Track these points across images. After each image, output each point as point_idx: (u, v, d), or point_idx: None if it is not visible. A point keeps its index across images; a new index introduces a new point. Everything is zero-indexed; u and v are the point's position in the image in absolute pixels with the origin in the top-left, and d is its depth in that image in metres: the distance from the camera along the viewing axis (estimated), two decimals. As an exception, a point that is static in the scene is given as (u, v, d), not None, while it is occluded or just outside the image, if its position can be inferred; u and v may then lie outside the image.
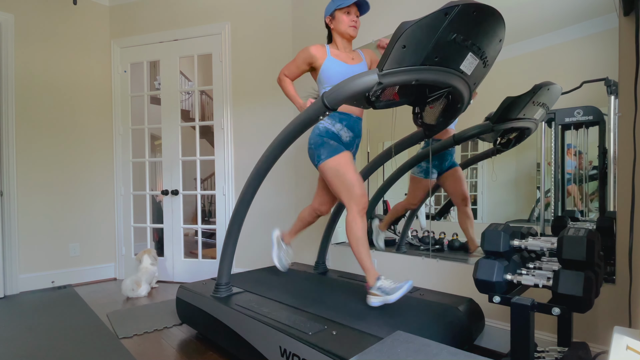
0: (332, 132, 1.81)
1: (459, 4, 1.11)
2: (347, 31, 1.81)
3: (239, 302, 1.78)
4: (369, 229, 2.50)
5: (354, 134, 1.86)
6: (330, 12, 1.83)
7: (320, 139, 1.80)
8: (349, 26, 1.80)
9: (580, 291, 1.04)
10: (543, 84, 1.56)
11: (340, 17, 1.80)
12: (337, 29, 1.83)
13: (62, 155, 3.27)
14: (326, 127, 1.81)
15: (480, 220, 2.02)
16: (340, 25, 1.81)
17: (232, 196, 3.20)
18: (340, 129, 1.82)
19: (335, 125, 1.81)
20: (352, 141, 1.87)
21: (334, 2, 1.81)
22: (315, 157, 1.80)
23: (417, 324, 1.48)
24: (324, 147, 1.77)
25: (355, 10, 1.82)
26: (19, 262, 3.04)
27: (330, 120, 1.82)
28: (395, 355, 1.05)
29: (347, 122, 1.83)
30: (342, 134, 1.82)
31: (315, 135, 1.82)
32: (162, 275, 3.33)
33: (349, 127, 1.84)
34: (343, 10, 1.80)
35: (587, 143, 1.62)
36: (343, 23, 1.80)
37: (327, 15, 1.85)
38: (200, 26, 3.23)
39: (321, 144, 1.78)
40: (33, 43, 3.13)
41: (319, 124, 1.83)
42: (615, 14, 1.50)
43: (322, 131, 1.81)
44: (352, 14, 1.81)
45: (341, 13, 1.80)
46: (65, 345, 1.96)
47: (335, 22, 1.83)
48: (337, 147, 1.77)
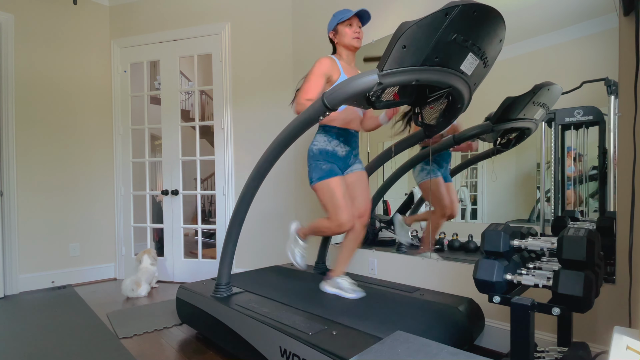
0: (326, 151, 1.85)
1: (459, 4, 1.11)
2: (352, 43, 1.85)
3: (239, 302, 1.78)
4: (371, 232, 2.50)
5: (350, 147, 1.92)
6: (333, 27, 1.87)
7: (313, 161, 1.86)
8: (352, 38, 1.84)
9: (580, 291, 1.04)
10: (543, 84, 1.56)
11: (343, 31, 1.85)
12: (341, 42, 1.87)
13: (62, 155, 3.27)
14: (320, 149, 1.85)
15: (480, 220, 2.02)
16: (344, 38, 1.85)
17: (232, 196, 3.20)
18: (337, 145, 1.87)
19: (331, 143, 1.86)
20: (349, 154, 1.92)
21: (336, 17, 1.85)
22: (310, 176, 1.88)
23: (417, 324, 1.48)
24: (316, 171, 1.83)
25: (357, 22, 1.86)
26: (19, 262, 3.04)
27: (327, 138, 1.86)
28: (395, 355, 1.05)
29: (344, 138, 1.88)
30: (337, 149, 1.87)
31: (310, 157, 1.88)
32: (162, 275, 3.33)
33: (346, 142, 1.89)
34: (345, 24, 1.84)
35: (587, 143, 1.62)
36: (347, 36, 1.84)
37: (331, 31, 1.89)
38: (200, 26, 3.23)
39: (314, 167, 1.85)
40: (33, 43, 3.13)
41: (314, 146, 1.87)
42: (615, 14, 1.50)
43: (315, 154, 1.86)
44: (354, 26, 1.85)
45: (343, 26, 1.85)
46: (65, 345, 1.96)
47: (339, 36, 1.87)
48: (330, 170, 1.82)
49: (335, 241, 2.70)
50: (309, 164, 1.88)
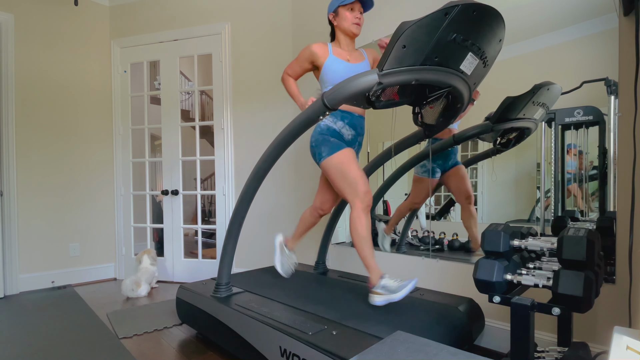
0: (333, 129, 1.79)
1: (459, 4, 1.11)
2: (350, 28, 1.78)
3: (239, 302, 1.78)
4: (374, 229, 2.50)
5: (356, 132, 1.85)
6: (334, 9, 1.80)
7: (321, 136, 1.79)
8: (352, 23, 1.77)
9: (580, 291, 1.04)
10: (543, 84, 1.57)
11: (344, 14, 1.78)
12: (340, 26, 1.81)
13: (62, 155, 3.27)
14: (327, 125, 1.80)
15: (480, 220, 2.01)
16: (343, 22, 1.78)
17: (232, 196, 3.20)
18: (342, 127, 1.80)
19: (336, 123, 1.80)
20: (354, 139, 1.85)
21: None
22: (317, 154, 1.79)
23: (417, 324, 1.48)
24: (325, 145, 1.76)
25: (358, 7, 1.79)
26: (19, 262, 3.04)
27: (332, 118, 1.80)
28: (395, 355, 1.05)
29: (349, 120, 1.81)
30: (343, 131, 1.81)
31: (317, 133, 1.81)
32: (162, 275, 3.33)
33: (351, 125, 1.82)
34: (346, 7, 1.77)
35: (587, 143, 1.62)
36: (346, 20, 1.77)
37: (331, 12, 1.83)
38: (200, 26, 3.23)
39: (322, 142, 1.77)
40: (33, 43, 3.13)
41: (320, 122, 1.81)
42: (615, 14, 1.50)
43: (323, 129, 1.80)
44: (355, 11, 1.78)
45: (344, 10, 1.77)
46: (65, 345, 1.96)
47: (339, 19, 1.80)
48: (339, 144, 1.75)
49: (335, 241, 2.70)
50: (315, 144, 1.80)
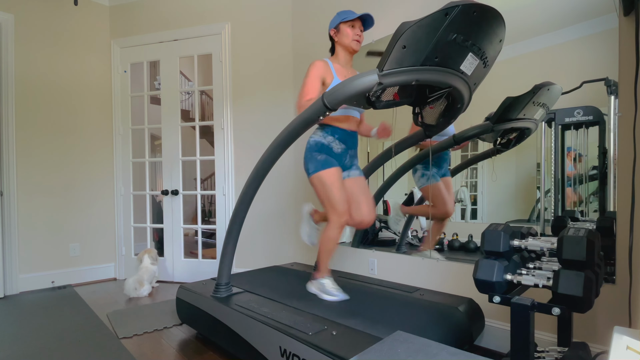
0: (321, 144, 1.86)
1: (459, 4, 1.11)
2: (351, 45, 1.86)
3: (239, 302, 1.78)
4: (371, 232, 2.50)
5: (346, 146, 1.91)
6: (335, 25, 1.88)
7: (309, 153, 1.87)
8: (352, 40, 1.85)
9: (580, 291, 1.04)
10: (543, 84, 1.56)
11: (345, 30, 1.85)
12: (341, 42, 1.88)
13: (62, 155, 3.27)
14: (316, 140, 1.87)
15: (480, 220, 2.02)
16: (344, 38, 1.86)
17: (232, 196, 3.20)
18: (332, 142, 1.87)
19: (326, 138, 1.87)
20: (345, 152, 1.92)
21: (339, 15, 1.86)
22: (306, 169, 1.89)
23: (417, 324, 1.48)
24: (312, 162, 1.84)
25: (359, 25, 1.87)
26: (19, 262, 3.04)
27: (322, 133, 1.88)
28: (395, 355, 1.05)
29: (340, 136, 1.88)
30: (333, 145, 1.87)
31: (307, 149, 1.90)
32: (162, 275, 3.33)
33: (341, 140, 1.89)
34: (348, 24, 1.85)
35: (587, 143, 1.62)
36: (347, 36, 1.85)
37: (332, 28, 1.90)
38: (200, 26, 3.23)
39: (310, 158, 1.86)
40: (33, 43, 3.13)
41: (310, 139, 1.90)
42: (615, 14, 1.50)
43: (312, 145, 1.88)
44: (356, 28, 1.86)
45: (346, 26, 1.85)
46: (65, 345, 1.96)
47: (340, 35, 1.87)
48: (326, 160, 1.83)
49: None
50: (305, 159, 1.90)
